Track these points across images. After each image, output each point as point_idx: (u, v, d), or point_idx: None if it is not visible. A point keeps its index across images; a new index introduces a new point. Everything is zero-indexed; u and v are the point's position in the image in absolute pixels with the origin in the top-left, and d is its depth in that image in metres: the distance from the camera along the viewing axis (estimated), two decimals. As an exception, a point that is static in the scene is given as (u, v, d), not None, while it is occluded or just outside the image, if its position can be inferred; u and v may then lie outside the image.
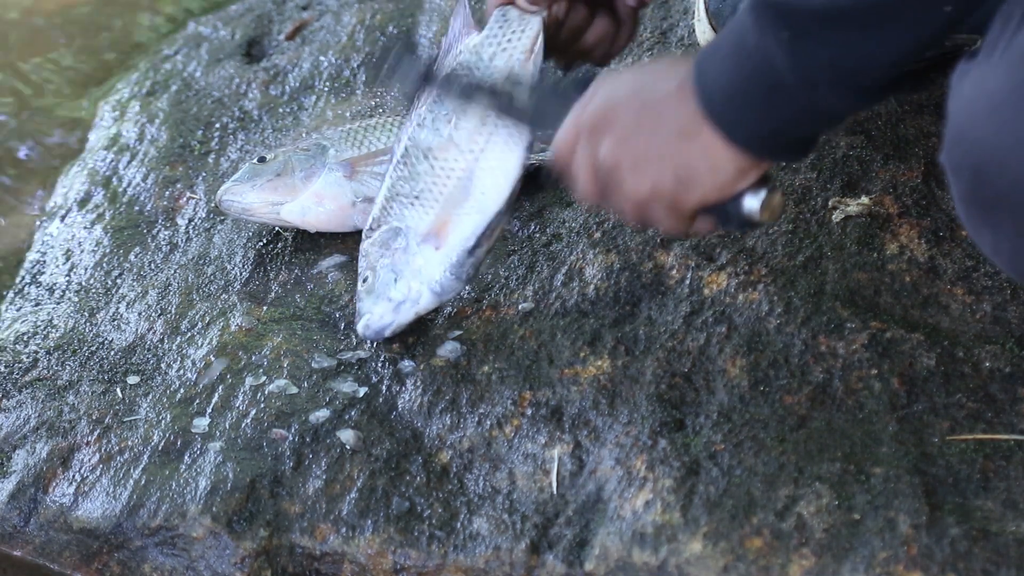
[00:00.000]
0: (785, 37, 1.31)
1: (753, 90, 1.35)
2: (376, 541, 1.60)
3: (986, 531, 1.46)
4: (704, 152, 1.40)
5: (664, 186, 1.43)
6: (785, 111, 1.36)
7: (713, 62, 1.38)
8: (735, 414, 1.60)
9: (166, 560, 1.65)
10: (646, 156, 1.43)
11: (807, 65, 1.32)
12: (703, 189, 1.42)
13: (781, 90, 1.33)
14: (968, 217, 1.32)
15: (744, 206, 1.44)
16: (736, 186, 1.42)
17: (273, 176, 1.93)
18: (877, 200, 1.78)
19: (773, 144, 1.39)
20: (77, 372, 1.85)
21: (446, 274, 1.71)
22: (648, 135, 1.42)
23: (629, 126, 1.44)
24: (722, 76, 1.37)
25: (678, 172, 1.42)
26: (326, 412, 1.70)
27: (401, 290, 1.72)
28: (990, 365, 1.60)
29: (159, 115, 2.33)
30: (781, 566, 1.47)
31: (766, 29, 1.32)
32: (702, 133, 1.39)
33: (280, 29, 2.51)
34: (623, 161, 1.44)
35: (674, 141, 1.41)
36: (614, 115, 1.45)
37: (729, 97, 1.37)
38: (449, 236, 1.71)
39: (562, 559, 1.54)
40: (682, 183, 1.42)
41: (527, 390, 1.68)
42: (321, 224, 1.93)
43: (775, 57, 1.32)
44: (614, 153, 1.45)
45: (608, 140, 1.45)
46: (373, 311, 1.73)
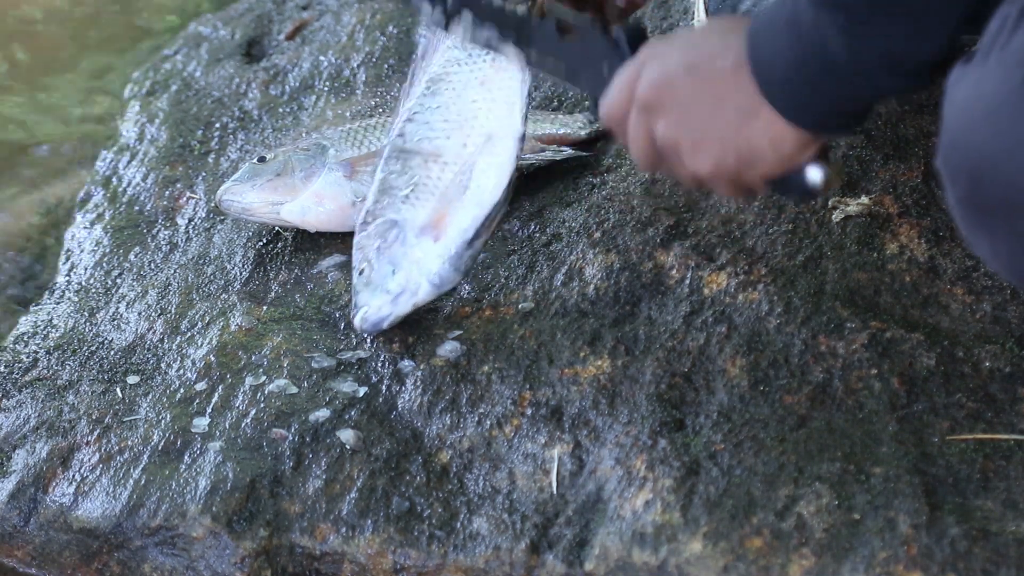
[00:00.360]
0: (841, 21, 1.32)
1: (808, 71, 1.36)
2: (376, 541, 1.60)
3: (986, 531, 1.46)
4: (765, 130, 1.41)
5: (727, 164, 1.44)
6: (839, 91, 1.37)
7: (767, 39, 1.39)
8: (735, 414, 1.60)
9: (166, 560, 1.65)
10: (707, 136, 1.43)
11: (861, 49, 1.33)
12: (766, 165, 1.43)
13: (835, 72, 1.35)
14: (964, 222, 1.32)
15: (808, 178, 1.45)
16: (797, 161, 1.43)
17: (273, 176, 1.93)
18: (877, 200, 1.78)
19: (829, 121, 1.41)
20: (77, 372, 1.85)
21: (445, 265, 1.71)
22: (708, 115, 1.43)
23: (687, 105, 1.44)
24: (778, 56, 1.37)
25: (740, 151, 1.42)
26: (326, 412, 1.70)
27: (399, 281, 1.73)
28: (990, 365, 1.60)
29: (159, 115, 2.33)
30: (781, 566, 1.47)
31: (821, 12, 1.33)
32: (762, 112, 1.40)
33: (280, 29, 2.51)
34: (683, 141, 1.45)
35: (735, 121, 1.41)
36: (670, 92, 1.45)
37: (785, 78, 1.38)
38: (447, 228, 1.71)
39: (562, 559, 1.54)
40: (744, 161, 1.43)
41: (527, 390, 1.68)
42: (321, 224, 1.93)
43: (830, 40, 1.33)
44: (673, 132, 1.45)
45: (666, 119, 1.45)
46: (371, 303, 1.74)
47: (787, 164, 1.43)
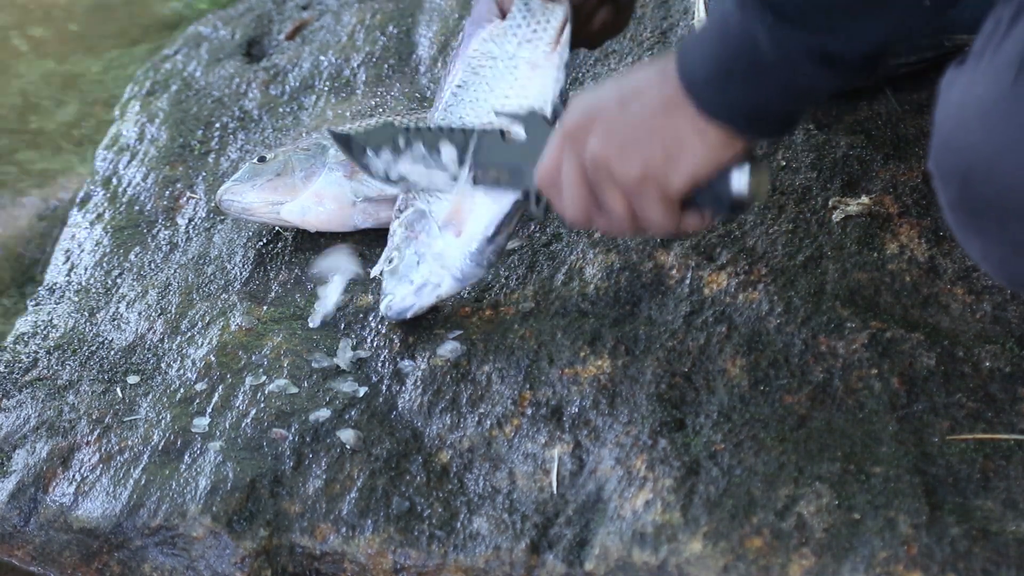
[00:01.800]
0: (769, 20, 1.33)
1: (735, 67, 1.38)
2: (376, 541, 1.60)
3: (986, 531, 1.46)
4: (690, 122, 1.42)
5: (654, 162, 1.44)
6: (766, 88, 1.38)
7: (696, 45, 1.41)
8: (735, 414, 1.60)
9: (166, 560, 1.65)
10: (633, 136, 1.45)
11: (789, 46, 1.34)
12: (693, 159, 1.44)
13: (762, 68, 1.36)
14: (957, 224, 1.33)
15: (732, 182, 1.45)
16: (722, 159, 1.44)
17: (273, 176, 1.93)
18: (877, 200, 1.78)
19: (755, 119, 1.42)
20: (77, 372, 1.85)
21: (466, 261, 1.72)
22: (633, 118, 1.44)
23: (613, 116, 1.46)
24: (705, 56, 1.39)
25: (666, 144, 1.43)
26: (326, 412, 1.70)
27: (423, 273, 1.73)
28: (990, 365, 1.60)
29: (159, 115, 2.33)
30: (781, 566, 1.47)
31: (750, 12, 1.34)
32: (686, 107, 1.41)
33: (280, 29, 2.51)
34: (611, 149, 1.46)
35: (660, 116, 1.43)
36: (596, 113, 1.47)
37: (711, 74, 1.39)
38: (467, 223, 1.72)
39: (562, 559, 1.54)
40: (671, 157, 1.44)
41: (527, 390, 1.68)
42: (321, 224, 1.93)
43: (758, 37, 1.34)
44: (601, 145, 1.47)
45: (593, 136, 1.47)
46: (395, 292, 1.75)
47: (712, 162, 1.43)
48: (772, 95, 1.39)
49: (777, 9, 1.33)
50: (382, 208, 1.90)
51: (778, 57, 1.34)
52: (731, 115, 1.41)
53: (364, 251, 1.91)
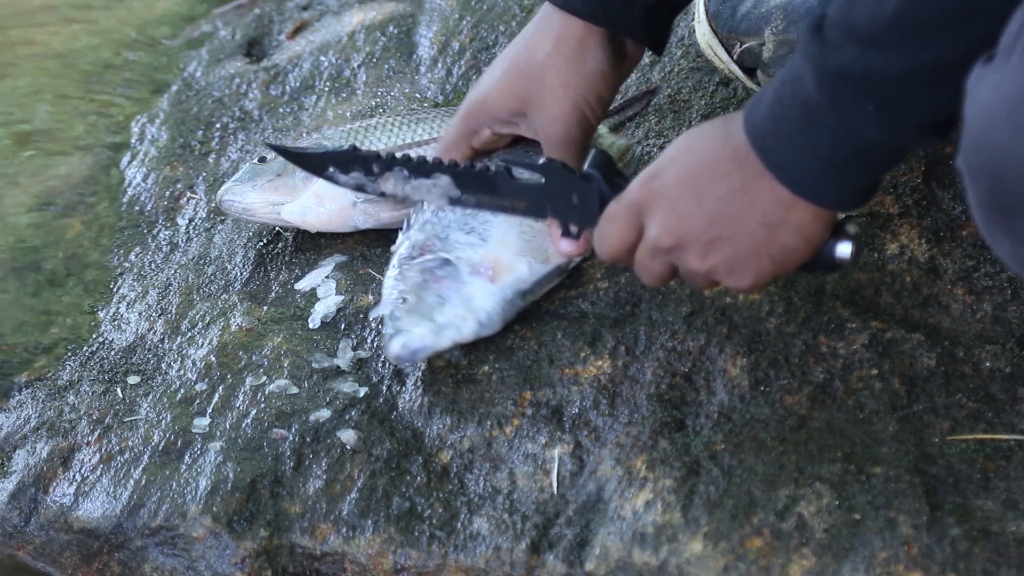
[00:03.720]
0: (871, 109, 1.33)
1: (841, 158, 1.37)
2: (377, 541, 1.60)
3: (986, 531, 1.46)
4: (797, 230, 1.43)
5: (764, 273, 1.46)
6: (872, 169, 1.39)
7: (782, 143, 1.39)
8: (735, 414, 1.60)
9: (166, 560, 1.65)
10: (739, 258, 1.46)
11: (897, 127, 1.34)
12: (799, 260, 1.46)
13: (869, 153, 1.36)
14: (985, 223, 1.32)
15: (837, 254, 1.47)
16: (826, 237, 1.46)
17: (274, 176, 1.93)
18: (877, 200, 1.78)
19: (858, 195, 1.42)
20: (77, 372, 1.85)
21: (496, 308, 1.69)
22: (732, 239, 1.44)
23: (710, 236, 1.45)
24: (801, 156, 1.38)
25: (775, 258, 1.45)
26: (326, 412, 1.70)
27: (447, 315, 1.68)
28: (990, 365, 1.60)
29: (159, 115, 2.33)
30: (781, 566, 1.47)
31: (844, 104, 1.34)
32: (790, 216, 1.42)
33: (280, 29, 2.51)
34: (716, 268, 1.47)
35: (764, 234, 1.43)
36: (687, 232, 1.46)
37: (817, 173, 1.39)
38: (503, 273, 1.70)
39: (562, 559, 1.54)
40: (780, 264, 1.45)
41: (527, 390, 1.68)
42: (321, 224, 1.93)
43: (861, 127, 1.34)
44: (704, 264, 1.48)
45: (693, 254, 1.48)
46: (413, 330, 1.67)
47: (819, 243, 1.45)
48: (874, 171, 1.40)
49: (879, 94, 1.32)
50: (383, 209, 1.90)
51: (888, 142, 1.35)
52: (841, 202, 1.41)
53: (364, 251, 1.91)
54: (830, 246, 1.46)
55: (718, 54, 1.99)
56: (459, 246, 1.72)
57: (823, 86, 1.34)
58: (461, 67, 2.21)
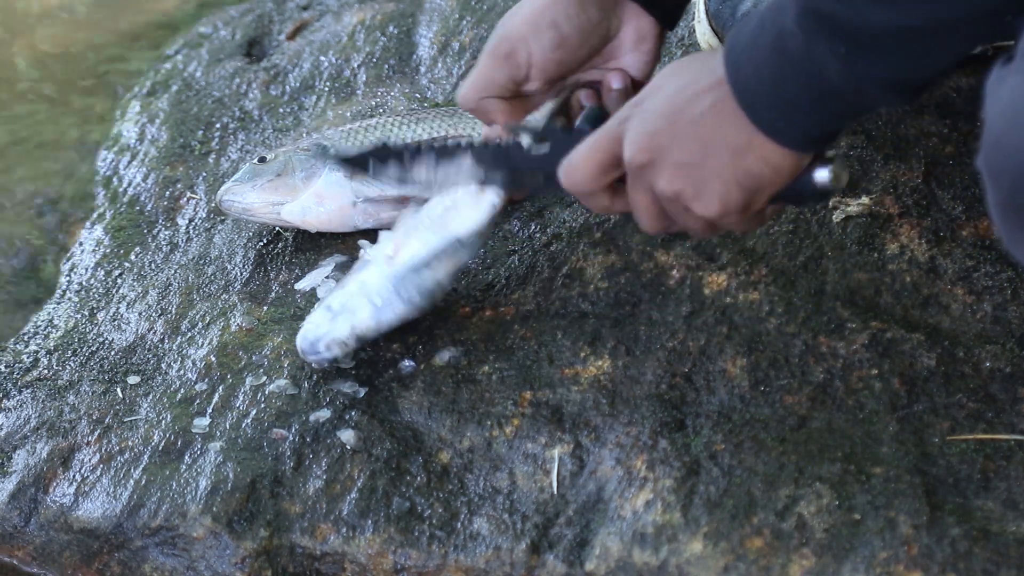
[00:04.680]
0: (841, 51, 1.32)
1: (803, 98, 1.36)
2: (377, 541, 1.60)
3: (986, 531, 1.46)
4: (763, 159, 1.41)
5: (732, 199, 1.44)
6: (836, 113, 1.38)
7: (751, 69, 1.38)
8: (735, 414, 1.61)
9: (166, 560, 1.65)
10: (706, 180, 1.44)
11: (863, 77, 1.33)
12: (771, 188, 1.44)
13: (833, 96, 1.35)
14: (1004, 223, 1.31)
15: (816, 181, 1.45)
16: (798, 171, 1.44)
17: (273, 176, 1.93)
18: (877, 200, 1.78)
19: (823, 139, 1.42)
20: (77, 372, 1.85)
21: (387, 285, 1.67)
22: (700, 162, 1.43)
23: (678, 157, 1.44)
24: (767, 85, 1.37)
25: (742, 184, 1.43)
26: (326, 412, 1.70)
27: (341, 300, 1.68)
28: (990, 365, 1.60)
29: (159, 115, 2.33)
30: (781, 566, 1.47)
31: (817, 40, 1.33)
32: (753, 141, 1.40)
33: (280, 29, 2.51)
34: (684, 191, 1.45)
35: (730, 158, 1.42)
36: (657, 149, 1.45)
37: (777, 107, 1.38)
38: (401, 252, 1.68)
39: (562, 559, 1.54)
40: (749, 191, 1.43)
41: (527, 390, 1.68)
42: (322, 224, 1.93)
43: (828, 68, 1.33)
44: (673, 186, 1.45)
45: (660, 176, 1.45)
46: (311, 319, 1.70)
47: (790, 177, 1.44)
48: (840, 118, 1.39)
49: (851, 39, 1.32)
50: (383, 208, 1.90)
51: (850, 87, 1.34)
52: (801, 142, 1.41)
53: (364, 251, 1.91)
54: (809, 174, 1.44)
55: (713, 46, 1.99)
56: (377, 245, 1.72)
57: (802, 19, 1.33)
58: (461, 67, 2.21)
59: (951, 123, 1.85)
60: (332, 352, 1.69)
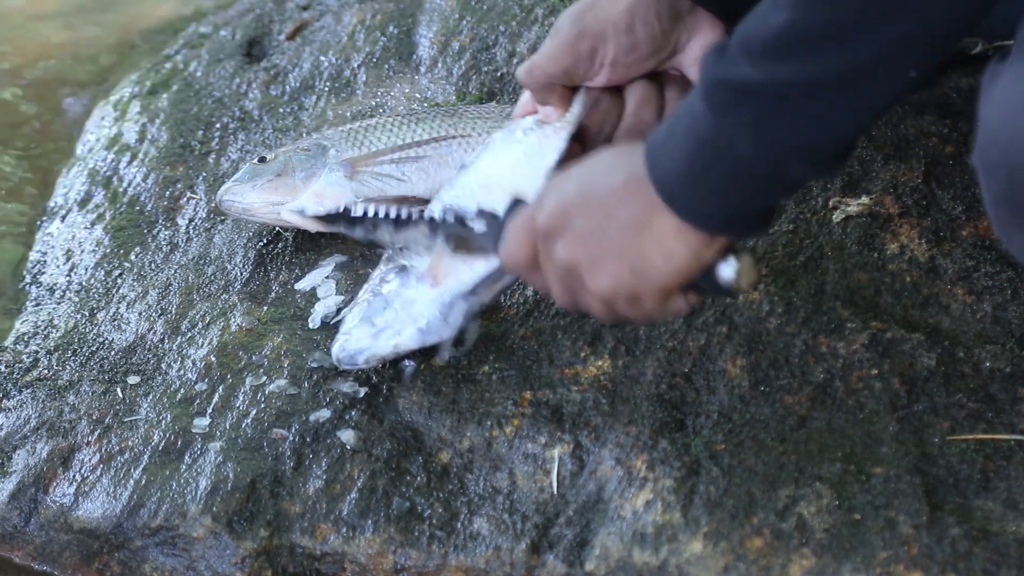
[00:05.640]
0: (747, 119, 1.31)
1: (711, 172, 1.35)
2: (377, 541, 1.60)
3: (986, 531, 1.46)
4: (655, 242, 1.40)
5: (623, 281, 1.43)
6: (746, 188, 1.36)
7: (666, 149, 1.37)
8: (735, 414, 1.61)
9: (166, 560, 1.65)
10: (600, 255, 1.43)
11: (773, 144, 1.31)
12: (660, 278, 1.42)
13: (744, 170, 1.33)
14: (999, 219, 1.31)
15: (720, 277, 1.42)
16: (694, 267, 1.41)
17: (273, 176, 1.93)
18: (877, 200, 1.78)
19: (734, 220, 1.39)
20: (77, 372, 1.85)
21: (435, 312, 1.67)
22: (599, 234, 1.42)
23: (580, 226, 1.43)
24: (678, 163, 1.36)
25: (633, 265, 1.41)
26: (326, 412, 1.70)
27: (387, 318, 1.69)
28: (990, 365, 1.60)
29: (159, 115, 2.33)
30: (781, 566, 1.47)
31: (724, 112, 1.32)
32: (652, 224, 1.39)
33: (280, 29, 2.51)
34: (580, 261, 1.44)
35: (625, 236, 1.40)
36: (564, 216, 1.44)
37: (686, 182, 1.36)
38: (448, 277, 1.68)
39: (562, 559, 1.54)
40: (639, 275, 1.42)
41: (527, 390, 1.68)
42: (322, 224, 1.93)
43: (736, 140, 1.32)
44: (570, 254, 1.45)
45: (562, 243, 1.45)
46: (352, 332, 1.70)
47: (684, 273, 1.41)
48: (753, 195, 1.36)
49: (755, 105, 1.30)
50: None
51: (762, 158, 1.32)
52: (712, 221, 1.38)
53: (364, 251, 1.91)
54: (712, 267, 1.42)
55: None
56: (413, 255, 1.71)
57: (708, 94, 1.32)
58: (461, 67, 2.21)
59: (951, 123, 1.85)
60: (370, 364, 1.71)
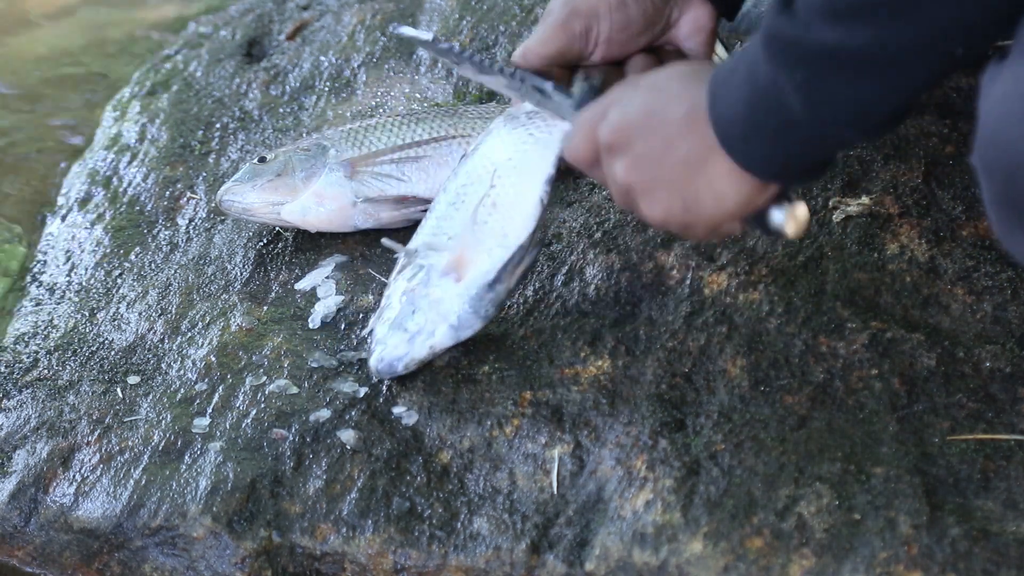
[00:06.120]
0: (799, 78, 1.32)
1: (765, 123, 1.36)
2: (377, 541, 1.60)
3: (986, 531, 1.46)
4: (709, 182, 1.42)
5: (674, 212, 1.45)
6: (797, 143, 1.38)
7: (727, 90, 1.39)
8: (735, 414, 1.61)
9: (166, 560, 1.65)
10: (655, 183, 1.45)
11: (821, 105, 1.33)
12: (711, 216, 1.44)
13: (793, 125, 1.35)
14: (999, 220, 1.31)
15: (771, 221, 1.45)
16: (746, 210, 1.44)
17: (273, 176, 1.94)
18: (877, 200, 1.78)
19: (784, 170, 1.41)
20: (77, 372, 1.85)
21: (464, 307, 1.68)
22: (657, 163, 1.44)
23: (640, 151, 1.45)
24: (736, 106, 1.38)
25: (686, 201, 1.44)
26: (326, 412, 1.70)
27: (418, 321, 1.69)
28: (990, 365, 1.61)
29: (159, 115, 2.33)
30: (781, 566, 1.47)
31: (780, 66, 1.33)
32: (707, 163, 1.41)
33: (280, 29, 2.51)
34: (636, 185, 1.47)
35: (681, 171, 1.43)
36: (627, 136, 1.47)
37: (741, 128, 1.38)
38: (468, 269, 1.68)
39: (562, 559, 1.54)
40: (690, 211, 1.44)
41: (527, 390, 1.68)
42: (322, 224, 1.93)
43: (788, 95, 1.33)
44: (627, 176, 1.47)
45: (621, 162, 1.47)
46: (387, 342, 1.70)
47: (733, 216, 1.44)
48: (802, 150, 1.38)
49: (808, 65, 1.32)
50: (383, 208, 1.90)
51: (809, 117, 1.34)
52: (764, 170, 1.40)
53: (364, 251, 1.91)
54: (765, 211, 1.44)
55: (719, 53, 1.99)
56: (429, 252, 1.71)
57: (767, 46, 1.34)
58: (461, 67, 2.21)
59: (951, 123, 1.85)
60: (409, 369, 1.71)
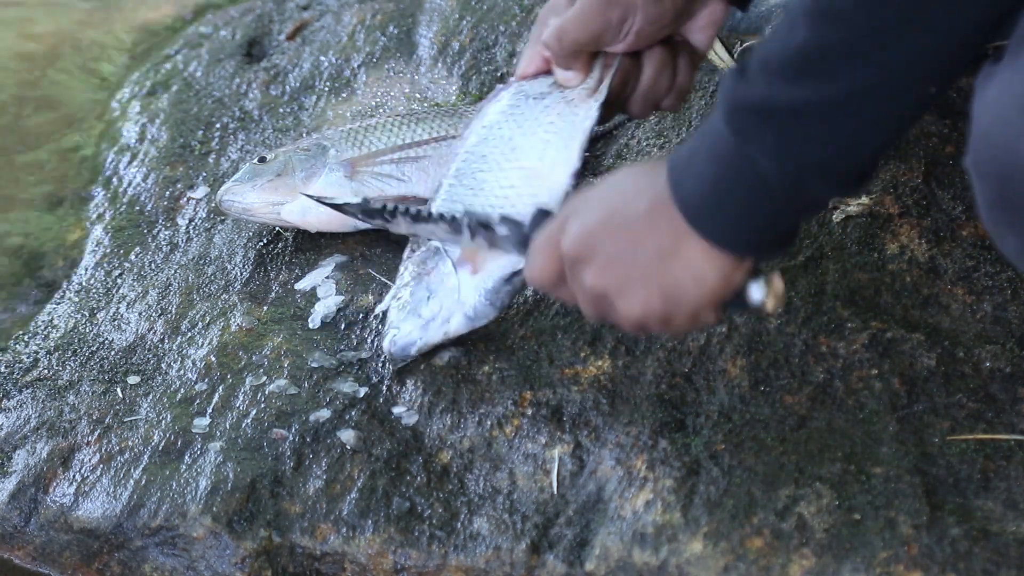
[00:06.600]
0: (770, 142, 1.31)
1: (737, 195, 1.35)
2: (377, 541, 1.60)
3: (986, 531, 1.46)
4: (686, 267, 1.40)
5: (654, 306, 1.43)
6: (770, 209, 1.36)
7: (689, 174, 1.37)
8: (735, 414, 1.61)
9: (166, 560, 1.65)
10: (629, 281, 1.43)
11: (795, 164, 1.32)
12: (692, 301, 1.42)
13: (766, 191, 1.33)
14: (992, 222, 1.31)
15: (750, 297, 1.44)
16: (725, 289, 1.42)
17: (273, 176, 1.93)
18: (877, 200, 1.78)
19: (758, 242, 1.39)
20: (77, 372, 1.85)
21: (480, 299, 1.67)
22: (629, 261, 1.42)
23: (608, 253, 1.44)
24: (702, 186, 1.36)
25: (664, 291, 1.42)
26: (326, 412, 1.71)
27: (432, 308, 1.69)
28: (990, 365, 1.61)
29: (159, 115, 2.33)
30: (781, 566, 1.47)
31: (747, 136, 1.32)
32: (680, 250, 1.39)
33: (280, 29, 2.51)
34: (609, 288, 1.45)
35: (655, 262, 1.41)
36: (590, 244, 1.45)
37: (711, 206, 1.37)
38: (486, 262, 1.67)
39: (562, 559, 1.54)
40: (671, 300, 1.42)
41: (527, 390, 1.68)
42: (322, 224, 1.93)
43: (759, 161, 1.32)
44: (598, 281, 1.45)
45: (590, 270, 1.45)
46: (401, 326, 1.70)
47: (715, 296, 1.42)
48: (776, 216, 1.37)
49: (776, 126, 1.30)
50: (382, 208, 1.90)
51: (784, 178, 1.32)
52: (739, 242, 1.39)
53: (364, 251, 1.91)
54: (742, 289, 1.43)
55: (719, 53, 1.99)
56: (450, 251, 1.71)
57: (730, 118, 1.33)
58: (461, 67, 2.21)
59: (951, 123, 1.85)
60: (422, 352, 1.71)
